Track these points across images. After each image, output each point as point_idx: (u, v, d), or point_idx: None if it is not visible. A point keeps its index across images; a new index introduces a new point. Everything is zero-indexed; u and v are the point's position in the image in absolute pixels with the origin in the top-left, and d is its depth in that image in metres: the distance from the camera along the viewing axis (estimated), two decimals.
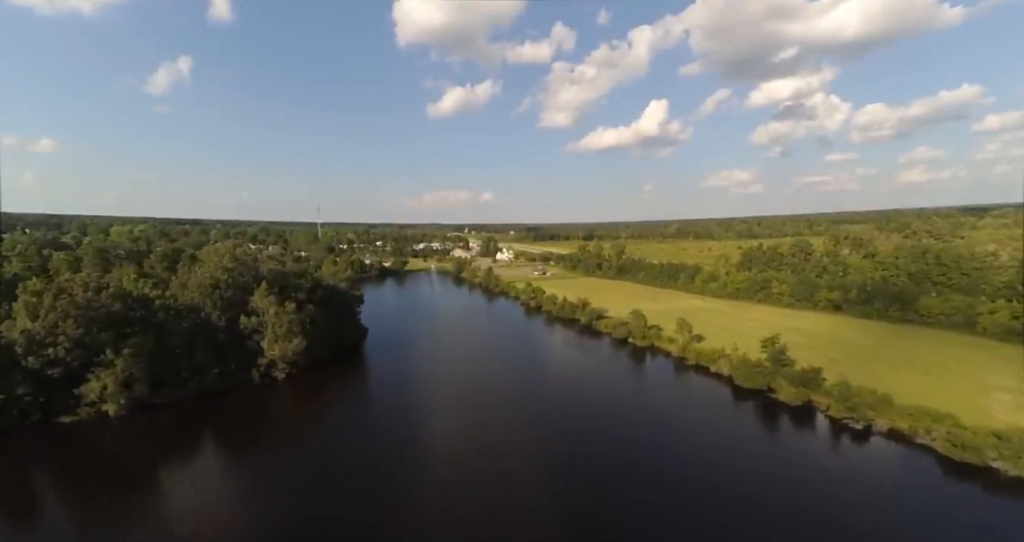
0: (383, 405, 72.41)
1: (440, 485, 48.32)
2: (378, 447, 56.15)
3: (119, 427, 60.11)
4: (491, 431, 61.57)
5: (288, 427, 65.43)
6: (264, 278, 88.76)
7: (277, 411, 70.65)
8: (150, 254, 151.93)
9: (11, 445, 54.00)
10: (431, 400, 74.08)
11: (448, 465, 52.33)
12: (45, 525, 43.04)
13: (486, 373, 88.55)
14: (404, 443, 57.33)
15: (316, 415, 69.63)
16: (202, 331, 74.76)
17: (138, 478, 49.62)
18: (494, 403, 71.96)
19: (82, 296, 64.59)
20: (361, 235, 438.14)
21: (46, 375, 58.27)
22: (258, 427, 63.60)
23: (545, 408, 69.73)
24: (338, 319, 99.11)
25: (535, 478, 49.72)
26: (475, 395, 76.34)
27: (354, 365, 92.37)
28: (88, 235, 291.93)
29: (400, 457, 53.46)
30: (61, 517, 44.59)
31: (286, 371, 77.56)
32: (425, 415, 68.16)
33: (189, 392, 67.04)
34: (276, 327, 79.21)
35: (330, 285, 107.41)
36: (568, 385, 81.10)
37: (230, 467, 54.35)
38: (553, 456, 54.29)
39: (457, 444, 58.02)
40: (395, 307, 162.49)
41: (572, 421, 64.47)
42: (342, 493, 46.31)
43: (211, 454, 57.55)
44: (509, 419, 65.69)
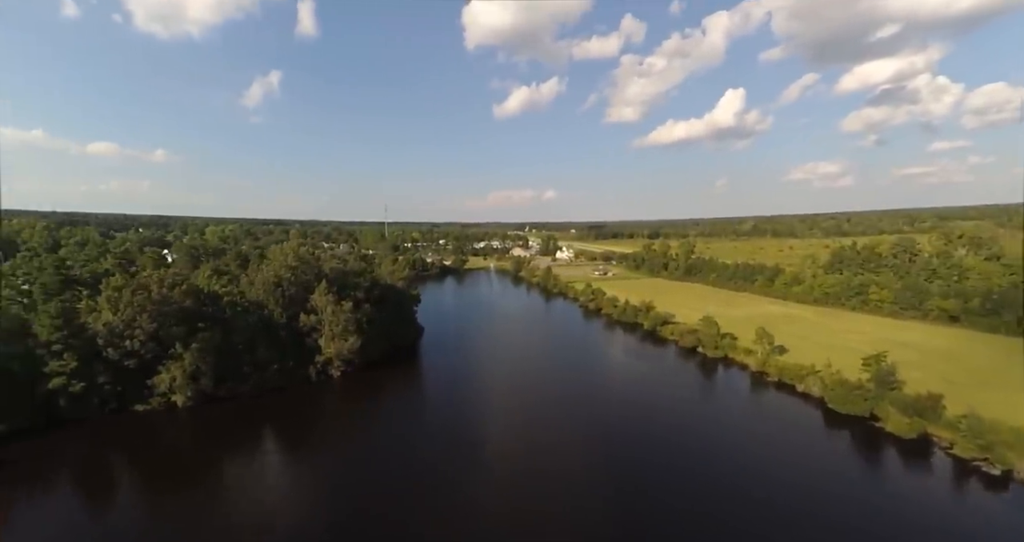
0: (436, 404, 71.95)
1: (489, 485, 48.38)
2: (430, 445, 56.54)
3: (186, 417, 62.93)
4: (544, 434, 60.02)
5: (342, 424, 65.69)
6: (325, 277, 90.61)
7: (332, 408, 71.14)
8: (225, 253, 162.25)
9: (91, 431, 57.91)
10: (484, 400, 73.78)
11: (499, 465, 52.22)
12: (120, 506, 45.97)
13: (541, 376, 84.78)
14: (456, 441, 57.52)
15: (370, 413, 69.61)
16: (265, 328, 77.06)
17: (202, 466, 51.91)
18: (548, 407, 69.36)
19: (157, 292, 68.38)
20: (425, 234, 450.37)
21: (123, 366, 62.08)
22: (313, 423, 64.54)
23: (601, 414, 66.29)
24: (394, 318, 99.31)
25: (588, 483, 48.54)
26: (528, 397, 73.76)
27: (409, 364, 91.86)
28: (187, 234, 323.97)
29: (451, 455, 53.86)
30: (133, 499, 47.38)
31: (341, 369, 78.13)
32: (477, 415, 67.69)
33: (250, 387, 69.00)
34: (333, 325, 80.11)
35: (387, 284, 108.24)
36: (627, 393, 74.84)
37: (286, 461, 55.57)
38: (608, 462, 52.63)
39: (509, 445, 57.35)
40: (452, 306, 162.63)
41: (629, 428, 61.78)
42: (393, 489, 47.00)
43: (269, 447, 58.77)
44: (563, 424, 63.13)
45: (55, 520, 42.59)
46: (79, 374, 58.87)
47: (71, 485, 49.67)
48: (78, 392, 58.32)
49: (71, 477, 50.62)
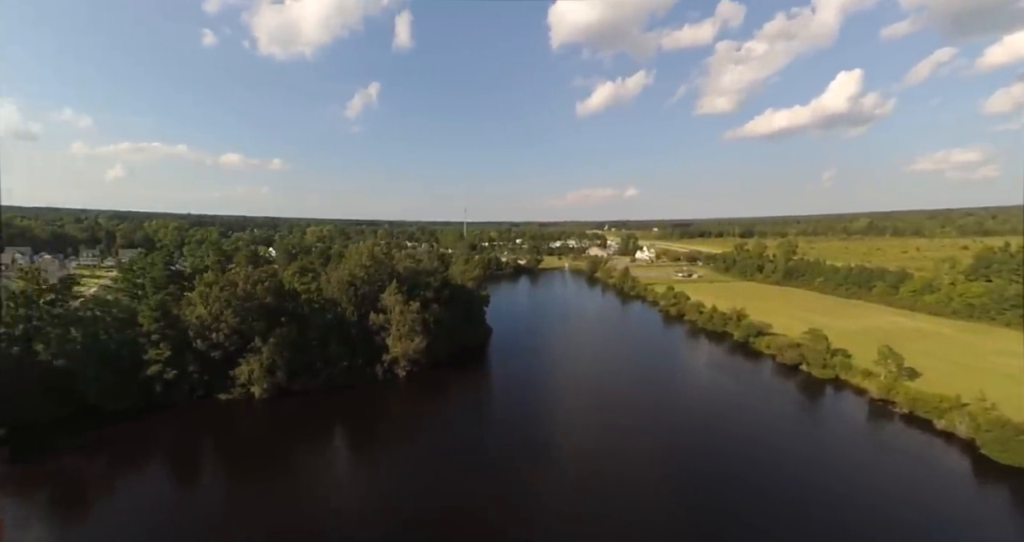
0: (504, 407, 70.17)
1: (562, 489, 47.37)
2: (499, 447, 56.08)
3: (262, 408, 65.80)
4: (619, 441, 57.50)
5: (409, 423, 65.32)
6: (397, 276, 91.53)
7: (398, 407, 70.81)
8: (311, 251, 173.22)
9: (181, 415, 62.48)
10: (554, 404, 71.59)
11: (571, 470, 51.12)
12: (203, 485, 49.97)
13: (615, 383, 79.21)
14: (526, 443, 56.79)
15: (436, 413, 69.32)
16: (337, 325, 79.07)
17: (276, 455, 54.20)
18: (622, 415, 65.86)
19: (242, 288, 72.54)
20: (503, 233, 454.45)
21: (210, 356, 66.41)
22: (380, 421, 65.00)
23: (681, 428, 61.84)
24: (463, 319, 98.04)
25: (664, 498, 45.96)
26: (601, 404, 70.40)
27: (475, 366, 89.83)
28: (291, 234, 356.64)
29: (521, 457, 53.41)
30: (215, 480, 51.50)
31: (407, 369, 77.86)
32: (547, 418, 65.89)
33: (320, 383, 70.73)
34: (400, 325, 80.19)
35: (458, 284, 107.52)
36: (711, 409, 66.40)
37: (354, 455, 56.97)
38: (687, 478, 49.31)
39: (581, 450, 55.57)
40: (523, 307, 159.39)
41: (713, 446, 56.49)
42: (462, 488, 47.21)
43: (338, 442, 60.33)
44: (638, 435, 59.37)
45: (148, 493, 47.09)
46: (173, 362, 63.82)
47: (163, 463, 53.79)
48: (171, 379, 63.25)
49: (164, 456, 54.86)
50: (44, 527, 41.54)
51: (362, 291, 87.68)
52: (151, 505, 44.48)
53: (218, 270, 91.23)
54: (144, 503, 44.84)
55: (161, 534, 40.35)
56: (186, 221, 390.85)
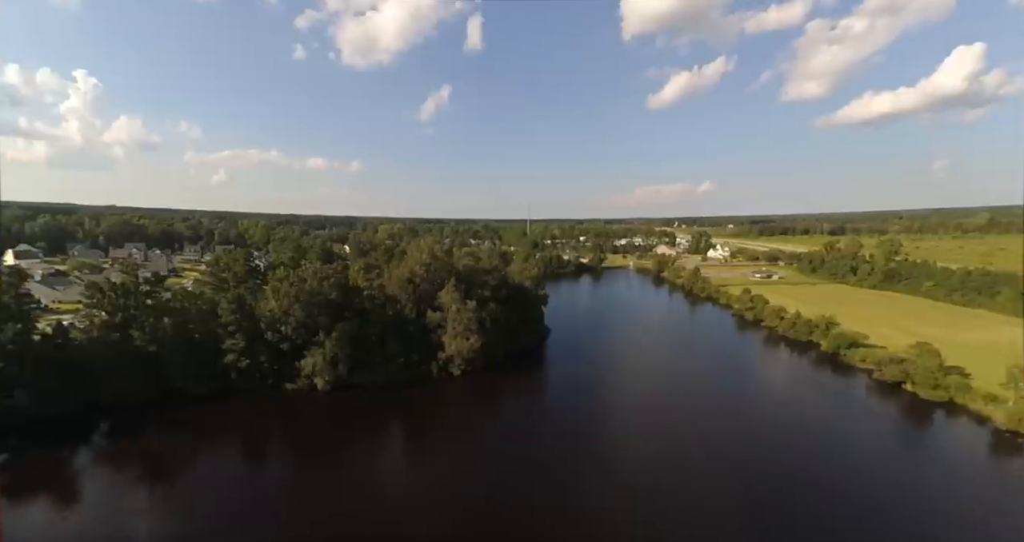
0: (558, 412, 68.29)
1: (623, 497, 45.79)
2: (553, 450, 54.94)
3: (324, 399, 68.44)
4: (682, 452, 54.78)
5: (461, 422, 65.56)
6: (455, 274, 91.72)
7: (452, 406, 70.64)
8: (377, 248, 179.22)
9: (252, 402, 66.58)
10: (612, 411, 68.41)
11: (631, 477, 49.21)
12: (268, 467, 53.98)
13: (679, 391, 74.30)
14: (582, 449, 55.13)
15: (490, 413, 68.94)
16: (396, 322, 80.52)
17: (336, 444, 56.67)
18: (687, 426, 61.79)
19: (310, 284, 75.85)
20: (566, 231, 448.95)
21: (279, 348, 70.02)
22: (435, 418, 65.98)
23: (750, 446, 56.00)
24: (519, 318, 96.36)
25: (732, 517, 42.59)
26: (663, 412, 66.56)
27: (531, 367, 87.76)
28: (365, 232, 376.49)
29: (577, 462, 52.14)
30: (280, 462, 55.02)
31: (462, 368, 77.52)
32: (602, 427, 62.35)
33: (378, 378, 72.24)
34: (456, 324, 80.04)
35: (516, 283, 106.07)
36: (791, 427, 59.24)
37: (407, 450, 58.04)
38: (750, 500, 45.17)
39: (641, 458, 53.44)
40: (584, 307, 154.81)
41: (786, 465, 51.20)
42: (518, 490, 46.89)
43: (394, 435, 61.86)
44: (699, 448, 55.73)
45: (223, 469, 51.85)
46: (247, 352, 68.05)
47: (236, 444, 58.04)
48: (245, 368, 67.55)
49: (237, 437, 59.07)
50: (137, 494, 46.28)
51: (421, 288, 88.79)
52: (225, 480, 48.89)
53: (292, 266, 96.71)
54: (219, 478, 49.28)
55: (232, 506, 44.05)
56: (274, 220, 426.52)
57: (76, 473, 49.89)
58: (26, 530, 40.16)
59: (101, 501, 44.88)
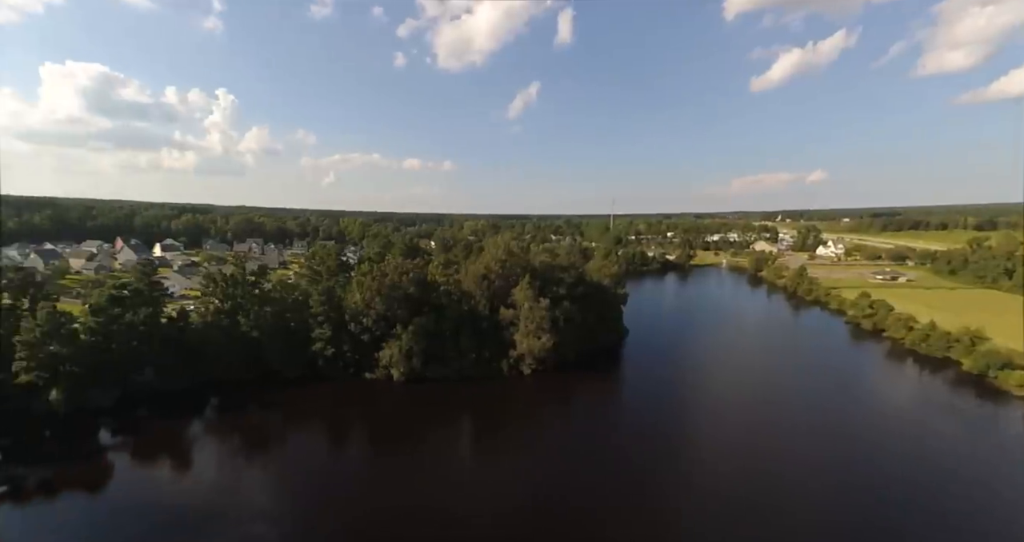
0: (632, 417, 65.11)
1: (701, 513, 42.74)
2: (622, 457, 52.72)
3: (400, 390, 71.14)
4: (765, 473, 49.19)
5: (530, 420, 64.92)
6: (531, 271, 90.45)
7: (521, 404, 69.79)
8: (456, 244, 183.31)
9: (335, 387, 71.27)
10: (691, 423, 63.33)
11: (699, 494, 45.69)
12: (346, 450, 58.17)
13: (771, 406, 66.51)
14: (652, 459, 52.28)
15: (558, 414, 67.21)
16: (470, 318, 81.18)
17: (407, 431, 59.52)
18: (776, 445, 55.15)
19: (391, 278, 79.08)
20: (652, 226, 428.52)
21: (360, 339, 73.86)
22: (503, 415, 66.01)
23: (862, 472, 48.79)
24: (596, 317, 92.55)
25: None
26: (750, 430, 59.39)
27: (606, 369, 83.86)
28: (452, 228, 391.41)
29: (651, 471, 49.77)
30: (357, 446, 59.08)
31: (533, 367, 76.13)
32: (681, 437, 58.67)
33: (450, 372, 73.40)
34: (528, 321, 78.70)
35: (594, 281, 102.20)
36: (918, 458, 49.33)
37: (476, 443, 59.19)
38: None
39: (714, 474, 48.91)
40: (667, 307, 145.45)
41: (912, 506, 43.21)
42: (578, 488, 46.31)
43: (464, 428, 62.95)
44: (797, 470, 49.84)
45: (310, 446, 57.08)
46: (332, 341, 72.71)
47: (321, 424, 62.85)
48: (330, 356, 72.29)
49: (322, 419, 63.79)
50: (238, 462, 52.68)
51: (496, 285, 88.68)
52: (310, 456, 53.68)
53: (377, 261, 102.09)
54: (305, 454, 54.29)
55: (316, 480, 48.17)
56: (371, 218, 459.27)
57: (192, 441, 57.23)
58: (152, 487, 46.79)
59: (210, 466, 51.52)
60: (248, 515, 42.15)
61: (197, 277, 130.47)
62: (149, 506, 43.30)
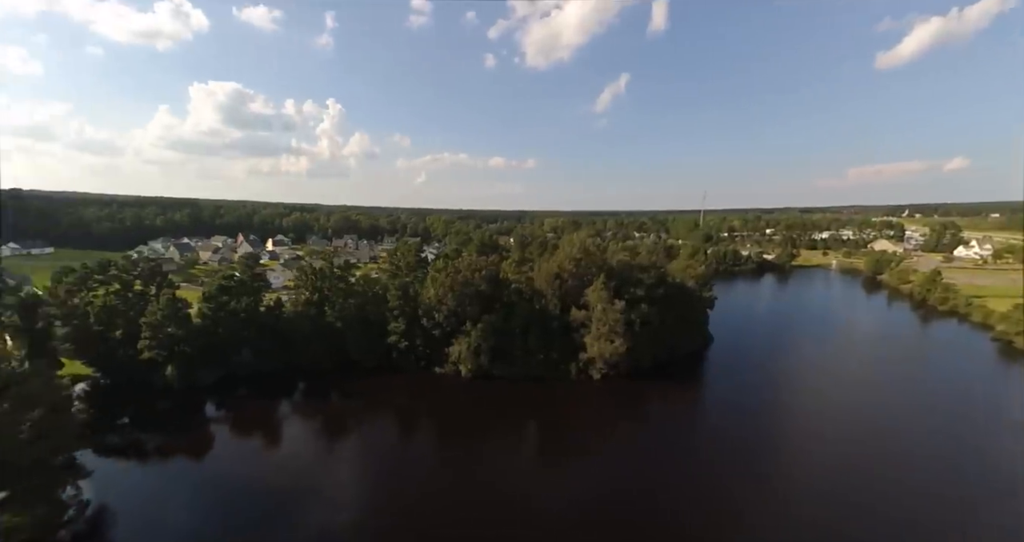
0: (707, 431, 60.06)
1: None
2: (699, 474, 49.21)
3: (467, 386, 71.68)
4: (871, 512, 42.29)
5: (598, 427, 62.13)
6: (607, 270, 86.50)
7: (589, 409, 66.92)
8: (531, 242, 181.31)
9: (407, 379, 73.73)
10: (775, 446, 56.37)
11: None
12: (418, 437, 60.96)
13: (887, 438, 55.84)
14: (720, 474, 48.45)
15: (629, 423, 63.61)
16: (540, 317, 79.38)
17: (473, 427, 60.53)
18: (891, 489, 45.34)
19: (463, 275, 79.83)
20: (749, 222, 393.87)
21: (432, 334, 75.48)
22: (570, 419, 64.10)
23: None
24: (676, 322, 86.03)
25: None
26: (855, 465, 50.22)
27: (683, 379, 77.34)
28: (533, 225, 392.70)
29: (711, 486, 46.67)
30: (426, 435, 61.37)
31: (603, 372, 72.44)
32: (761, 458, 52.27)
33: (516, 371, 72.41)
34: (601, 324, 75.01)
35: (676, 282, 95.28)
36: None
37: (541, 444, 58.76)
38: None
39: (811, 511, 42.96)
40: (762, 313, 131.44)
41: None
42: (637, 500, 44.07)
43: (528, 428, 62.02)
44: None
45: (383, 432, 60.73)
46: (406, 335, 75.18)
47: (394, 413, 65.80)
48: (404, 349, 74.84)
49: (394, 408, 66.73)
50: (317, 443, 57.12)
51: (568, 284, 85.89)
52: (383, 442, 57.61)
53: (453, 257, 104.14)
54: (379, 439, 58.44)
55: (389, 465, 51.49)
56: (456, 215, 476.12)
57: (281, 419, 62.99)
58: (246, 458, 52.73)
59: (296, 443, 56.48)
60: (326, 489, 45.91)
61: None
62: (241, 475, 48.12)
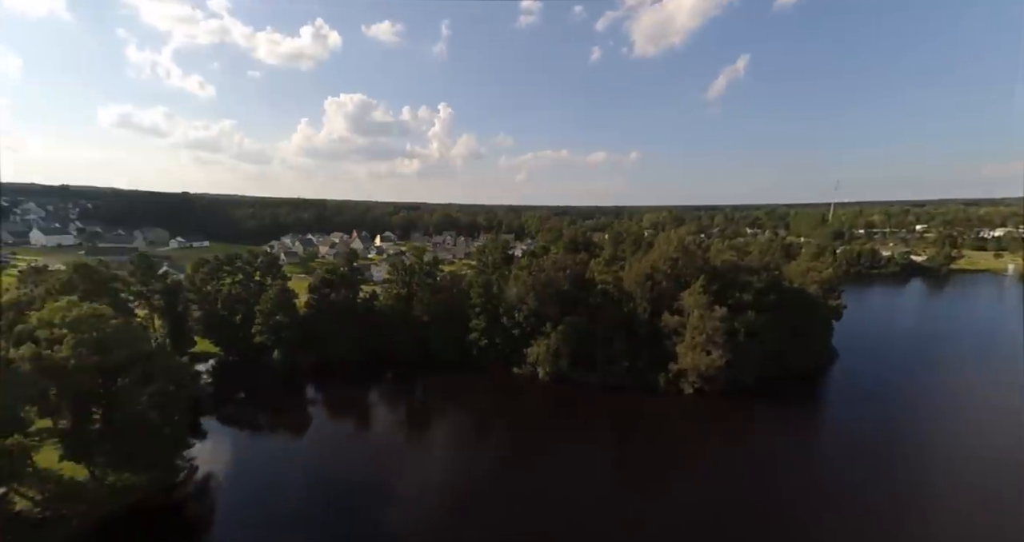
0: (819, 469, 49.85)
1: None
2: (798, 512, 41.87)
3: (543, 388, 69.60)
4: None
5: (683, 447, 56.23)
6: (708, 272, 77.91)
7: (676, 425, 60.78)
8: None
9: (485, 377, 73.64)
10: (909, 499, 43.99)
11: None
12: (493, 433, 61.20)
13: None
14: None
15: (721, 444, 56.43)
16: (626, 322, 73.86)
17: (548, 430, 59.45)
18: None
19: (546, 274, 77.18)
20: (893, 217, 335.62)
21: (511, 333, 74.11)
22: (652, 434, 58.59)
23: None
24: (790, 334, 74.56)
25: None
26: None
27: (793, 404, 66.28)
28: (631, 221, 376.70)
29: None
30: (501, 432, 61.20)
31: (696, 385, 64.91)
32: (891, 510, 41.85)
33: (597, 378, 68.07)
34: (696, 332, 67.37)
35: (793, 287, 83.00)
36: None
37: (617, 460, 53.73)
38: None
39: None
40: (905, 327, 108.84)
41: None
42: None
43: (605, 441, 58.30)
44: None
45: (459, 424, 63.62)
46: (486, 332, 74.86)
47: (471, 407, 66.69)
48: (483, 346, 74.66)
49: (471, 403, 67.80)
50: (400, 430, 60.85)
51: (661, 286, 78.79)
52: (460, 433, 60.24)
53: (540, 255, 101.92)
54: (456, 433, 60.51)
55: (464, 454, 53.70)
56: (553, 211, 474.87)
57: (370, 405, 67.98)
58: (337, 437, 57.58)
59: (381, 427, 61.27)
60: (409, 475, 47.60)
61: None
62: (334, 454, 52.19)
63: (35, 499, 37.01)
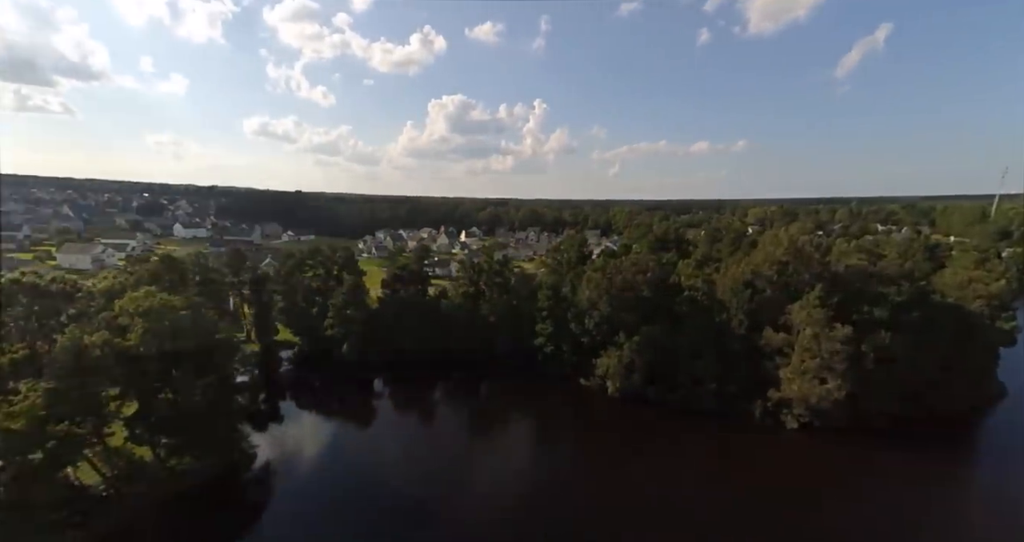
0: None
1: None
2: None
3: (614, 406, 62.39)
4: None
5: (787, 502, 44.16)
6: (828, 279, 64.53)
7: (775, 470, 49.35)
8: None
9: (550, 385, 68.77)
10: None
11: None
12: (555, 445, 58.47)
13: None
14: None
15: (837, 508, 43.37)
16: (717, 336, 63.37)
17: (621, 458, 52.96)
18: None
19: (622, 277, 69.26)
20: None
21: (580, 341, 67.53)
22: (747, 475, 47.90)
23: None
24: (940, 362, 58.72)
25: None
26: None
27: (941, 454, 51.36)
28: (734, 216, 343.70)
29: None
30: (564, 446, 58.09)
31: (803, 420, 53.23)
32: None
33: (676, 399, 59.16)
34: (807, 354, 55.33)
35: (945, 302, 66.00)
36: None
37: (708, 509, 43.70)
38: None
39: None
40: None
41: None
42: None
43: (688, 479, 48.72)
44: None
45: (521, 431, 62.04)
46: (552, 338, 69.35)
47: (534, 416, 64.54)
48: (549, 353, 69.25)
49: (534, 411, 65.18)
50: (464, 434, 60.47)
51: (764, 295, 66.76)
52: (522, 441, 59.09)
53: (622, 254, 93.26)
54: (517, 437, 60.21)
55: (524, 461, 52.59)
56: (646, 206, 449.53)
57: (433, 403, 68.36)
58: (401, 433, 58.24)
59: (443, 427, 61.50)
60: (470, 480, 47.34)
61: None
62: (396, 450, 52.48)
63: (105, 475, 39.39)
